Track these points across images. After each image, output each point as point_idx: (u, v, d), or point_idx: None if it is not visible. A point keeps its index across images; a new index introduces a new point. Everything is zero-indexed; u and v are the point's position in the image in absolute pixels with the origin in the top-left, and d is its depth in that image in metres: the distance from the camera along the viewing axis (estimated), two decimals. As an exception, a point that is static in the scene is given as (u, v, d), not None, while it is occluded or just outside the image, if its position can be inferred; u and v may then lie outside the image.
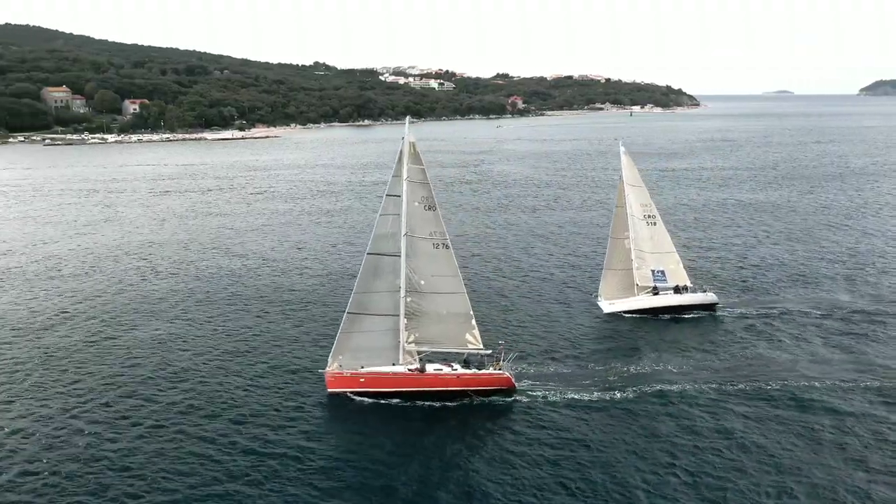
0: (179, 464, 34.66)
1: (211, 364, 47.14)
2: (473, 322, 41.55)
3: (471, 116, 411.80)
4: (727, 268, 71.37)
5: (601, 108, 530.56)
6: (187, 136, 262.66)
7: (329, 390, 41.21)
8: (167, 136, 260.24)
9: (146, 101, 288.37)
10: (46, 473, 33.80)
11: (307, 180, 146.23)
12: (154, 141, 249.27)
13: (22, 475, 33.73)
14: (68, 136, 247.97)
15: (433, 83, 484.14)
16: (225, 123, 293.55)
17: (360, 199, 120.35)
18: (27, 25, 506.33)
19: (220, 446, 36.38)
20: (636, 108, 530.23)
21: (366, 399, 40.76)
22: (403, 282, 40.58)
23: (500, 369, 40.58)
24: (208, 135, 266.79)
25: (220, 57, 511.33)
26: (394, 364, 41.21)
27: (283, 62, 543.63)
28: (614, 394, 41.83)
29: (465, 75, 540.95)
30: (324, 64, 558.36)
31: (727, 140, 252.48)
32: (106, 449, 36.07)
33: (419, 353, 41.57)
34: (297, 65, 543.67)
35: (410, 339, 41.26)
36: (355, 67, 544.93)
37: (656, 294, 57.91)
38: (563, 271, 70.82)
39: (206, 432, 37.70)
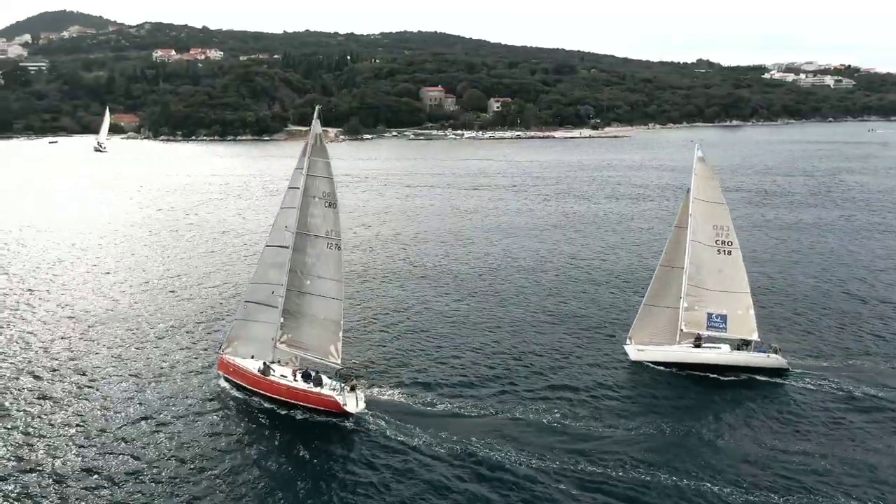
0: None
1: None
2: (340, 334, 38.41)
3: (864, 118, 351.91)
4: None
5: None
6: (537, 133, 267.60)
7: (218, 371, 41.55)
8: (518, 133, 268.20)
9: (508, 99, 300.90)
10: None
11: (624, 182, 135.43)
12: (505, 138, 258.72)
13: None
14: (432, 133, 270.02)
15: (828, 80, 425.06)
16: (580, 122, 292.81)
17: (663, 203, 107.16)
18: (434, 32, 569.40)
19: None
20: None
21: (234, 390, 39.82)
22: (285, 278, 38.63)
23: (352, 389, 37.09)
24: (557, 133, 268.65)
25: (603, 56, 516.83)
26: (277, 361, 39.88)
27: (664, 60, 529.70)
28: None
29: (872, 71, 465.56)
30: (707, 61, 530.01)
31: None
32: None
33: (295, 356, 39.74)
34: (678, 62, 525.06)
35: (283, 339, 39.31)
36: (742, 64, 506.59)
37: (698, 345, 43.11)
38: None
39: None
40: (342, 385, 37.12)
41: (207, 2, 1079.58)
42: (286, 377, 38.49)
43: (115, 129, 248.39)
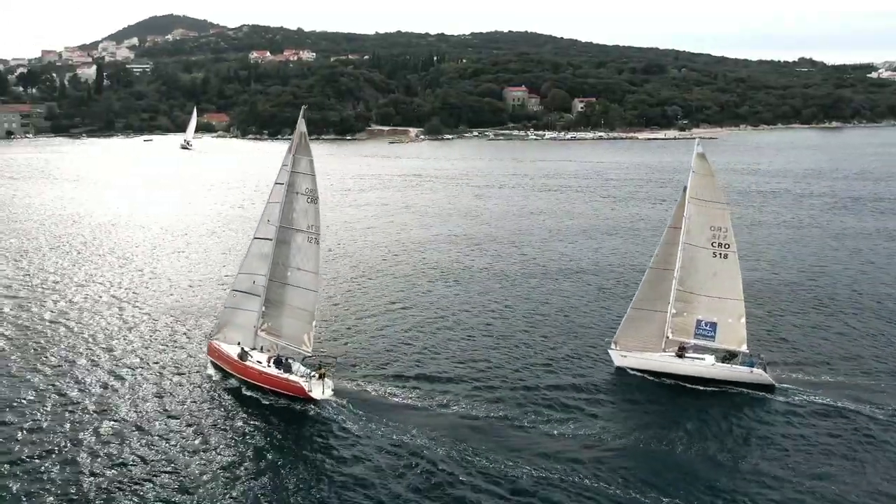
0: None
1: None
2: (314, 324, 40.76)
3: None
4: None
5: None
6: (620, 134, 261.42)
7: (207, 355, 44.04)
8: (601, 134, 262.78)
9: (593, 99, 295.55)
10: None
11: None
12: (587, 139, 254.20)
13: None
14: (513, 133, 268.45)
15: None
16: (667, 123, 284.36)
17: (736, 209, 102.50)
18: (525, 32, 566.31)
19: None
20: None
21: (218, 373, 42.22)
22: (268, 269, 40.96)
23: (321, 376, 38.60)
24: (641, 134, 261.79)
25: (696, 55, 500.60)
26: (260, 347, 41.92)
27: (763, 59, 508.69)
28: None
29: None
30: (809, 59, 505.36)
31: None
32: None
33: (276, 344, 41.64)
34: (779, 61, 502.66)
35: (264, 327, 41.57)
36: (848, 63, 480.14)
37: (681, 355, 40.87)
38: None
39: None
40: (311, 372, 38.92)
41: (304, 4, 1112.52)
42: (261, 363, 40.65)
43: (206, 128, 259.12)
